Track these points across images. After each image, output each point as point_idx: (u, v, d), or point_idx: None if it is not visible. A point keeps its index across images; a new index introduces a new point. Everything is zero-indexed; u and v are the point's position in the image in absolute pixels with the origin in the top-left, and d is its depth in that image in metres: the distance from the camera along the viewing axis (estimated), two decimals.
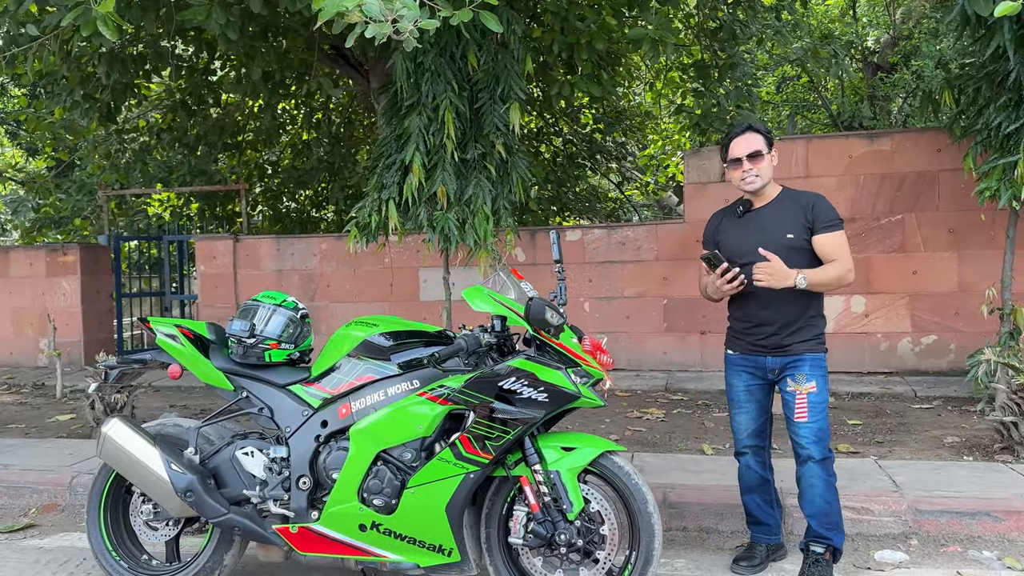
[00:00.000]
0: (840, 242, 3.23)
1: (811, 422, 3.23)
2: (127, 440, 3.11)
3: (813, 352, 3.27)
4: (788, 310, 3.25)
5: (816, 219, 3.22)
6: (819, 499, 3.22)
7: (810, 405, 3.22)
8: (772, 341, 3.28)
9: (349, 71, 9.03)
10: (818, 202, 3.26)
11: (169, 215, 11.55)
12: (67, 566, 3.68)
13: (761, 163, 3.26)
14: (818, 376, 3.26)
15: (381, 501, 2.97)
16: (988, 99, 5.78)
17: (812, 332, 3.27)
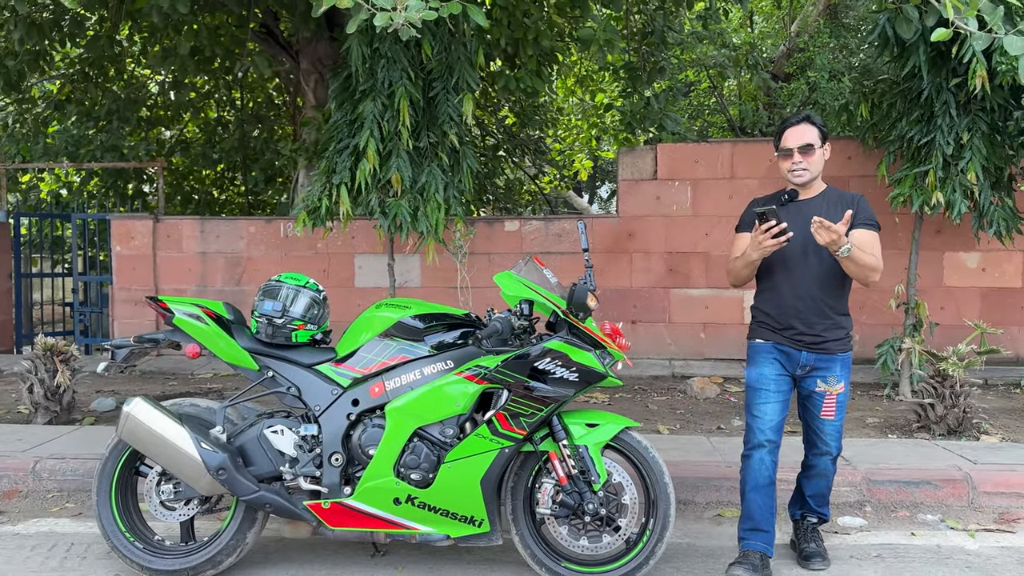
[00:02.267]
0: (875, 241, 3.23)
1: (837, 420, 3.32)
2: (153, 420, 3.07)
3: (844, 352, 3.30)
4: (823, 301, 3.24)
5: (858, 214, 3.20)
6: (825, 487, 3.44)
7: (838, 405, 3.29)
8: (810, 336, 3.25)
9: (278, 51, 8.86)
10: (862, 200, 3.29)
11: (66, 192, 10.89)
12: (56, 551, 3.57)
13: (812, 156, 3.23)
14: (846, 376, 3.32)
15: (419, 475, 3.08)
16: (901, 113, 6.38)
17: (844, 330, 3.30)
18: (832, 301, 3.27)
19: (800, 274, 3.24)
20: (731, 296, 7.63)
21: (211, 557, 3.17)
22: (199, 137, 11.49)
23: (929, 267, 7.25)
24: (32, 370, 5.30)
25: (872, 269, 3.16)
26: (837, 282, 3.25)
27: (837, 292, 3.29)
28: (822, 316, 3.25)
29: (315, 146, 8.55)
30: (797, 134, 3.24)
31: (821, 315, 3.25)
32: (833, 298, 3.27)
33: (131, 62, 10.54)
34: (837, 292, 3.29)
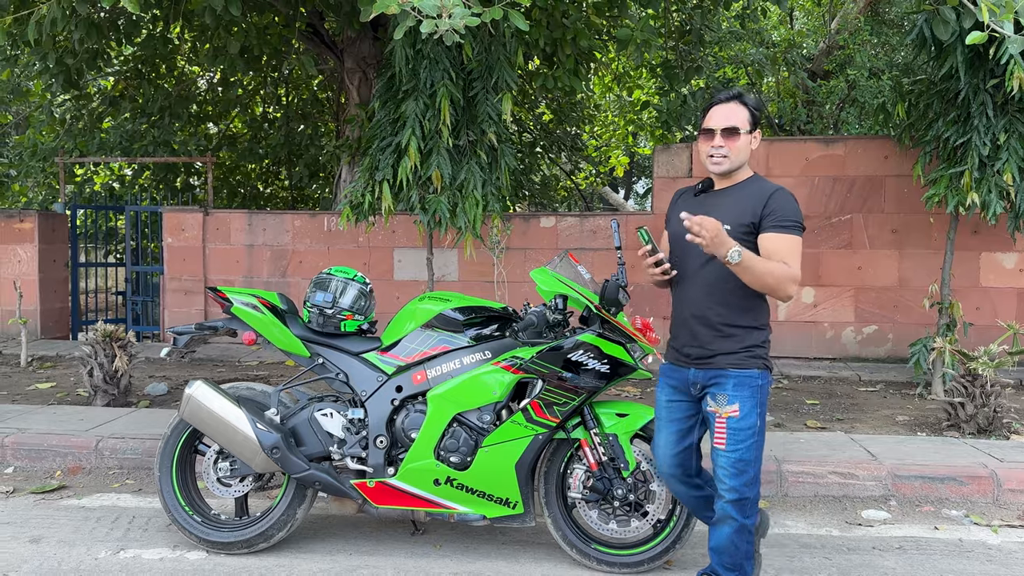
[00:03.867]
0: (791, 247, 2.66)
1: (729, 451, 2.73)
2: (212, 401, 3.30)
3: (739, 368, 2.73)
4: (718, 312, 2.76)
5: (769, 213, 2.68)
6: (725, 538, 2.82)
7: (729, 432, 2.72)
8: (696, 350, 2.80)
9: (324, 50, 9.11)
10: (778, 195, 2.72)
11: (119, 185, 11.30)
12: (119, 523, 3.82)
13: (736, 142, 2.74)
14: (744, 398, 2.72)
15: (458, 458, 3.27)
16: (938, 113, 6.41)
17: (742, 343, 2.74)
18: (729, 312, 2.76)
19: (697, 281, 2.81)
20: None
21: (264, 531, 3.39)
22: (245, 133, 11.82)
23: (965, 267, 7.26)
24: (92, 355, 5.60)
25: (776, 281, 2.60)
26: (739, 291, 2.72)
27: (739, 302, 2.75)
28: (712, 328, 2.77)
29: (358, 143, 8.80)
30: (723, 113, 2.76)
31: (712, 327, 2.77)
32: (731, 308, 2.76)
33: (182, 60, 10.89)
34: (739, 302, 2.75)
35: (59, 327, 9.18)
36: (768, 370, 2.81)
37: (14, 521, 3.84)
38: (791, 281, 2.63)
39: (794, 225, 2.68)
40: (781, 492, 4.24)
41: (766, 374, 2.79)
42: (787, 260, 2.64)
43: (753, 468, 2.75)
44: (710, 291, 2.78)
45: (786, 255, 2.64)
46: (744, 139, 2.76)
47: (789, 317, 7.71)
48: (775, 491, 4.24)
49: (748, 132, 2.77)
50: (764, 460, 4.23)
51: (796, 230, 2.68)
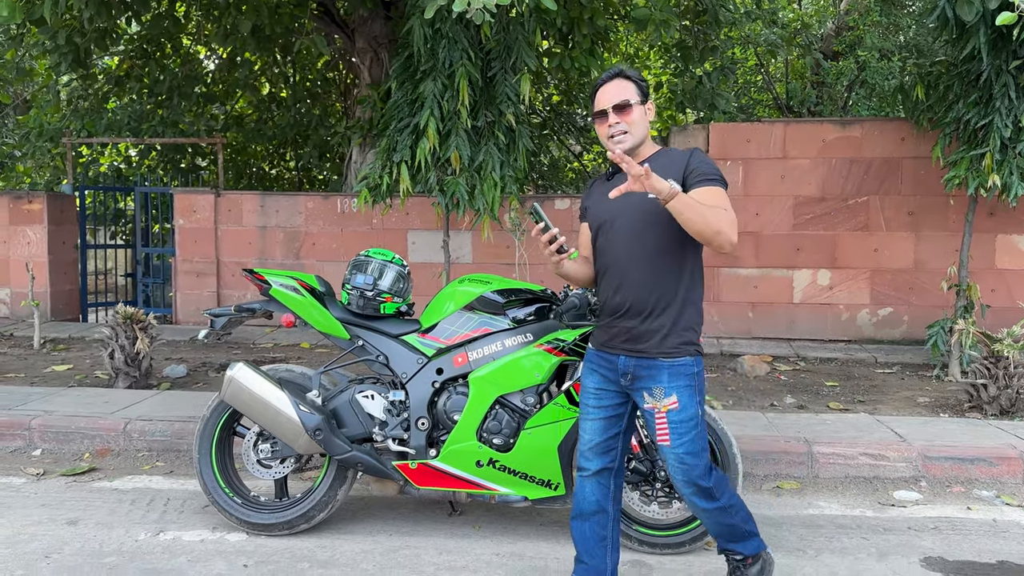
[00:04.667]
0: (721, 195, 2.54)
1: (675, 446, 2.62)
2: (254, 383, 3.29)
3: (672, 357, 2.59)
4: (649, 291, 2.61)
5: (692, 172, 2.58)
6: (712, 525, 2.80)
7: (671, 425, 2.60)
8: (626, 335, 2.65)
9: (334, 29, 9.03)
10: (696, 154, 2.66)
11: (125, 166, 11.22)
12: (155, 505, 3.82)
13: (630, 115, 2.64)
14: (681, 387, 2.60)
15: (500, 440, 3.27)
16: (958, 95, 6.39)
17: (673, 327, 2.60)
18: (659, 292, 2.62)
19: (622, 261, 2.67)
20: (780, 275, 7.72)
21: (305, 512, 3.39)
22: (251, 113, 11.73)
23: (981, 249, 7.26)
24: (113, 337, 5.58)
25: (719, 220, 2.45)
26: (668, 268, 2.62)
27: (668, 280, 2.62)
28: (642, 311, 2.62)
29: (369, 124, 8.74)
30: (611, 91, 2.68)
31: (641, 311, 2.63)
32: (660, 288, 2.62)
33: (187, 40, 10.78)
34: (668, 280, 2.62)
35: (69, 309, 9.14)
36: (701, 355, 2.68)
37: (49, 503, 3.83)
38: (731, 225, 2.48)
39: (719, 178, 2.59)
40: (812, 473, 4.25)
41: (699, 360, 2.67)
42: (724, 207, 2.52)
43: (702, 459, 2.66)
44: (639, 268, 2.64)
45: (722, 204, 2.52)
46: (638, 110, 2.67)
47: (805, 299, 7.72)
48: (806, 472, 4.26)
49: (640, 103, 2.68)
50: (794, 441, 4.31)
51: (721, 183, 2.59)
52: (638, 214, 2.62)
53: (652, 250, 2.62)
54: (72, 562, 3.20)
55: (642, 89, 2.70)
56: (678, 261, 2.63)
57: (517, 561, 3.27)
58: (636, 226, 2.63)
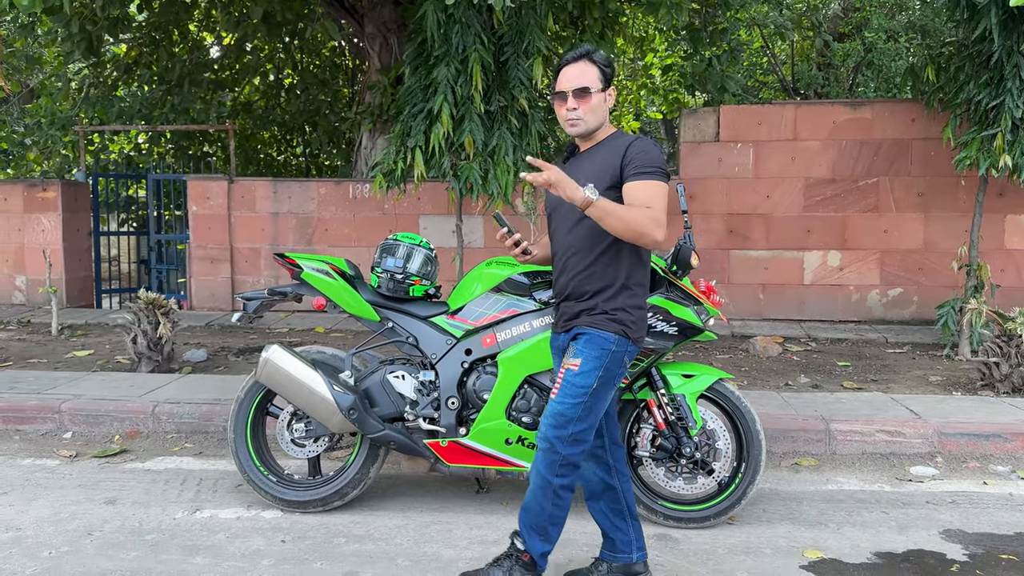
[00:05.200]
0: (653, 192, 2.55)
1: (556, 400, 2.66)
2: (289, 364, 3.36)
3: (595, 328, 2.66)
4: (585, 278, 2.70)
5: (628, 164, 2.59)
6: (530, 494, 2.72)
7: (564, 383, 2.66)
8: (567, 313, 2.77)
9: (343, 15, 9.05)
10: (635, 144, 2.63)
11: (136, 154, 11.26)
12: (188, 484, 3.91)
13: (588, 102, 2.66)
14: (589, 355, 2.64)
15: (529, 419, 3.35)
16: (969, 76, 6.42)
17: (604, 305, 2.67)
18: (596, 275, 2.69)
19: (564, 247, 2.76)
20: (791, 257, 7.78)
21: (338, 490, 3.48)
22: (259, 100, 11.76)
23: (991, 229, 7.31)
24: (135, 322, 5.65)
25: (638, 224, 2.49)
26: (605, 256, 2.68)
27: (605, 267, 2.69)
28: (581, 296, 2.72)
29: (380, 109, 8.78)
30: (573, 74, 2.68)
31: (580, 295, 2.72)
32: (599, 274, 2.69)
33: (195, 26, 10.80)
34: (605, 267, 2.69)
35: (83, 295, 9.22)
36: (628, 338, 2.68)
37: (85, 484, 3.92)
38: (654, 224, 2.51)
39: (655, 171, 2.59)
40: (830, 450, 4.34)
41: (624, 341, 2.67)
42: (650, 203, 2.54)
43: (573, 427, 2.64)
44: (579, 255, 2.71)
45: (647, 200, 2.54)
46: (597, 98, 2.68)
47: (815, 280, 7.78)
48: (824, 449, 4.34)
49: (600, 90, 2.69)
50: (811, 419, 4.38)
51: (657, 175, 2.59)
52: (571, 208, 2.64)
53: (590, 239, 2.68)
54: (114, 539, 3.29)
55: (606, 75, 2.71)
56: (616, 249, 2.67)
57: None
58: (577, 214, 2.65)
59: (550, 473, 2.66)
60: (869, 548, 3.25)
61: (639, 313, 2.73)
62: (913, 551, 3.22)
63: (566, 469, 2.67)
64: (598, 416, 2.72)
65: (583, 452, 2.71)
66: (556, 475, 2.66)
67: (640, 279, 2.75)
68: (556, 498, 2.69)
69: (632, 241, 2.56)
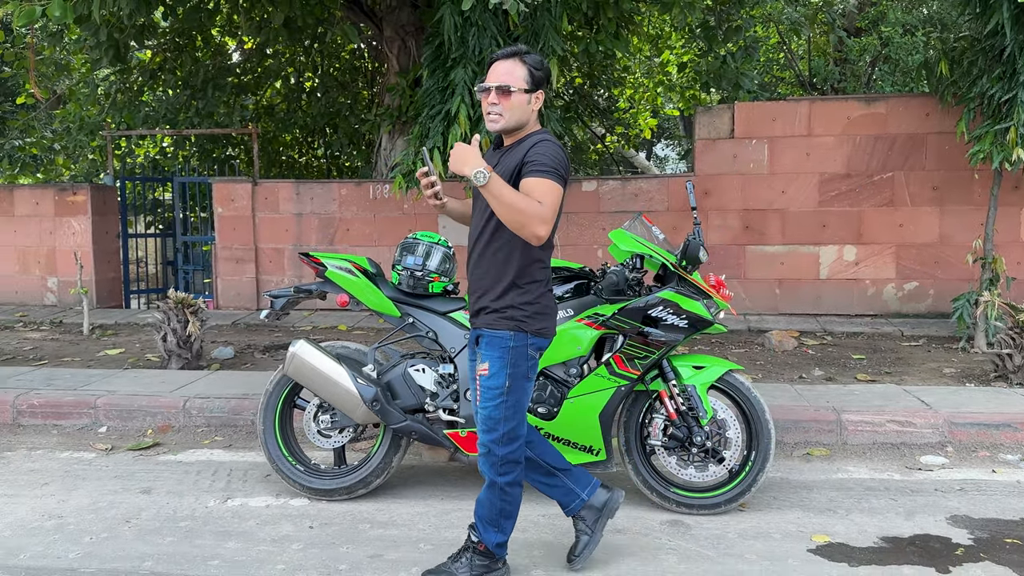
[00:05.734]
0: (545, 188, 2.60)
1: (480, 407, 2.81)
2: (315, 358, 3.52)
3: (491, 328, 2.77)
4: (481, 273, 2.82)
5: (527, 162, 2.66)
6: (482, 491, 2.89)
7: (481, 389, 2.80)
8: (471, 307, 2.90)
9: (362, 19, 9.21)
10: (535, 146, 2.68)
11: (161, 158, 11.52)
12: (219, 475, 4.08)
13: (509, 100, 2.69)
14: (494, 357, 2.76)
15: (545, 409, 3.48)
16: (982, 70, 6.46)
17: (499, 303, 2.76)
18: (492, 271, 2.80)
19: (470, 243, 2.90)
20: (807, 252, 7.85)
21: (363, 478, 3.63)
22: (280, 103, 11.97)
23: (1006, 223, 7.34)
24: (165, 321, 5.85)
25: (523, 214, 2.54)
26: (500, 253, 2.78)
27: (499, 264, 2.78)
28: (478, 290, 2.85)
29: (399, 111, 8.93)
30: (501, 70, 2.72)
31: (477, 289, 2.85)
32: (494, 271, 2.79)
33: (217, 31, 11.02)
34: (499, 264, 2.78)
35: (112, 296, 9.47)
36: (524, 332, 2.76)
37: (121, 475, 4.10)
38: (539, 219, 2.56)
39: (550, 170, 2.63)
40: (841, 440, 4.43)
41: (522, 336, 2.76)
42: (540, 199, 2.59)
43: (503, 427, 2.76)
44: (481, 251, 2.82)
45: (540, 196, 2.59)
46: (519, 98, 2.70)
47: (831, 275, 7.84)
48: (835, 439, 4.44)
49: (525, 91, 2.71)
50: (823, 410, 4.48)
51: (551, 174, 2.62)
52: (484, 202, 2.74)
53: (488, 236, 2.79)
54: (151, 526, 3.46)
55: (535, 77, 2.72)
56: (510, 248, 2.75)
57: (562, 521, 3.47)
58: (482, 212, 2.80)
59: (494, 474, 2.81)
60: (876, 533, 3.34)
61: (533, 308, 2.79)
62: (919, 536, 3.32)
63: (508, 467, 2.81)
64: (523, 409, 2.83)
65: (520, 447, 2.83)
66: (499, 474, 2.81)
67: (534, 277, 2.80)
68: (504, 495, 2.84)
69: (514, 230, 2.61)
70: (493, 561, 2.92)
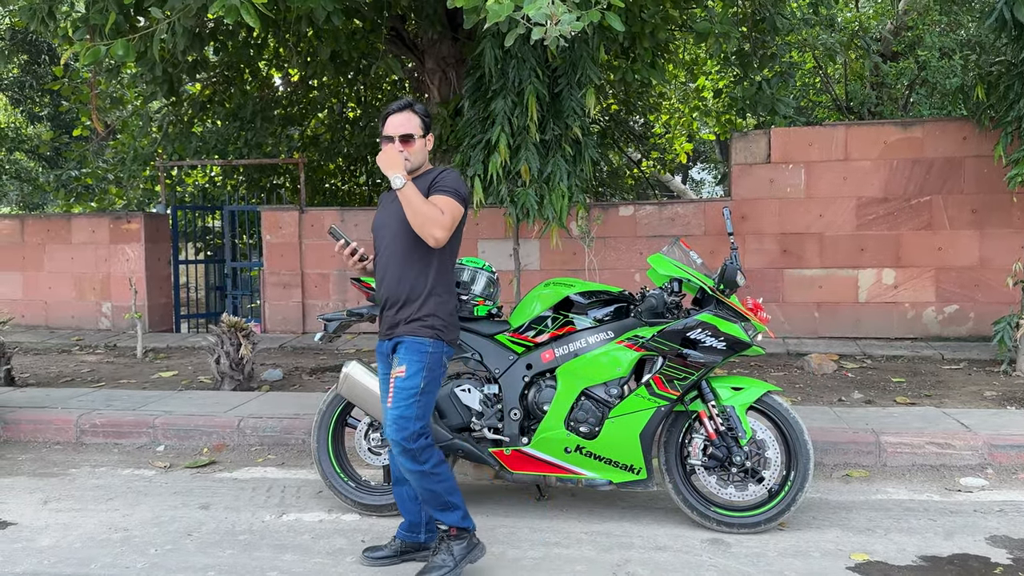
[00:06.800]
0: (447, 204, 3.06)
1: (392, 408, 3.08)
2: (367, 378, 3.68)
3: (413, 335, 3.10)
4: (398, 287, 3.15)
5: (434, 184, 3.12)
6: (418, 489, 3.14)
7: (395, 390, 3.08)
8: (386, 321, 3.21)
9: (404, 52, 9.50)
10: (443, 174, 3.16)
11: (210, 186, 11.91)
12: (273, 492, 4.25)
13: (412, 146, 3.16)
14: (412, 360, 3.08)
15: (587, 428, 3.60)
16: (1019, 94, 6.51)
17: (417, 312, 3.11)
18: (409, 283, 3.15)
19: (388, 260, 3.21)
20: (845, 275, 7.88)
21: None
22: (324, 133, 12.32)
23: None
24: (219, 344, 6.08)
25: (426, 218, 3.00)
26: (415, 267, 3.14)
27: (415, 277, 3.14)
28: (398, 301, 3.16)
29: (440, 140, 9.17)
30: (399, 122, 3.17)
31: (397, 300, 3.16)
32: (410, 283, 3.14)
33: (264, 64, 11.41)
34: (415, 277, 3.14)
35: (164, 321, 9.79)
36: (441, 340, 3.14)
37: (180, 491, 4.29)
38: (439, 225, 3.02)
39: (453, 191, 3.11)
40: (880, 462, 4.47)
41: (439, 344, 3.13)
42: (443, 211, 3.05)
43: (414, 425, 3.06)
44: (395, 265, 3.17)
45: (444, 207, 3.06)
46: (419, 143, 3.19)
47: (870, 298, 7.86)
48: (875, 461, 4.48)
49: (422, 137, 3.21)
50: (862, 432, 4.53)
51: (454, 195, 3.10)
52: (396, 222, 3.16)
53: (403, 252, 3.16)
54: (211, 539, 3.64)
55: (426, 124, 3.23)
56: (425, 262, 3.15)
57: (604, 539, 3.59)
58: (394, 231, 3.18)
59: (416, 465, 3.09)
60: (915, 552, 3.40)
61: (450, 318, 3.20)
62: (958, 555, 3.36)
63: (426, 453, 3.10)
64: (431, 410, 3.17)
65: (429, 440, 3.14)
66: (421, 462, 3.09)
67: (447, 286, 3.22)
68: (436, 476, 3.12)
69: (417, 229, 3.04)
70: (469, 537, 3.19)
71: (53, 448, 5.13)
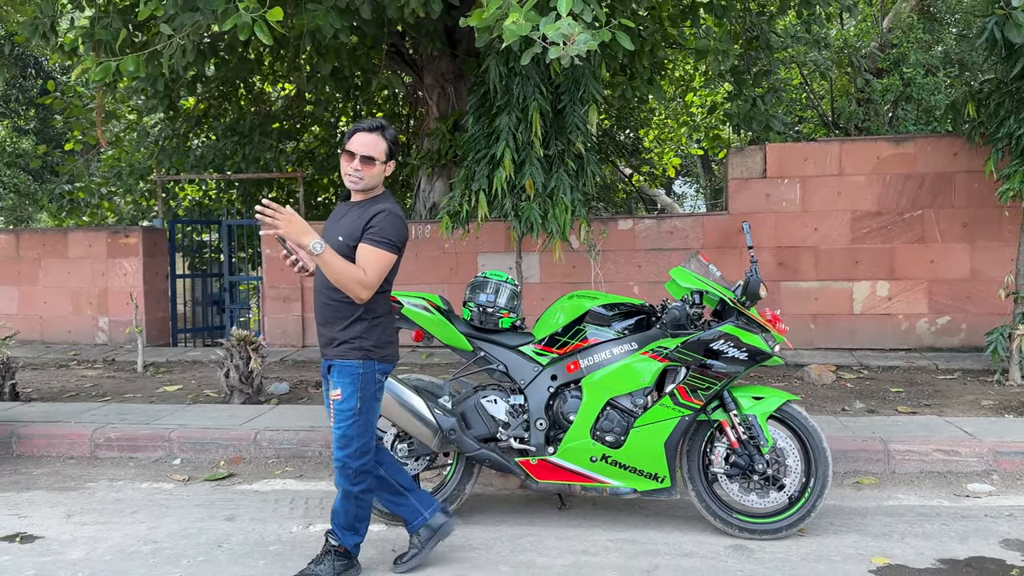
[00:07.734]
0: (374, 259, 3.07)
1: (335, 427, 3.20)
2: (395, 390, 3.74)
3: (342, 359, 3.18)
4: (334, 303, 3.19)
5: (368, 228, 3.10)
6: (337, 502, 3.29)
7: (335, 412, 3.19)
8: (321, 339, 3.28)
9: (404, 68, 9.61)
10: (380, 215, 3.11)
11: (206, 201, 11.92)
12: (296, 503, 4.29)
13: (372, 169, 3.15)
14: (345, 384, 3.17)
15: (612, 438, 3.69)
16: (1009, 111, 6.69)
17: (345, 335, 3.16)
18: (335, 306, 3.19)
19: (318, 280, 3.27)
20: (840, 288, 8.03)
21: None
22: (319, 147, 12.38)
23: None
24: (228, 357, 6.11)
25: (348, 282, 3.04)
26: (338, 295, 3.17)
27: (342, 297, 3.16)
28: (326, 322, 3.23)
29: (438, 155, 9.27)
30: (366, 142, 3.16)
31: (325, 321, 3.23)
32: (337, 304, 3.18)
33: (259, 79, 11.47)
34: (342, 297, 3.16)
35: (162, 335, 9.77)
36: (371, 360, 3.19)
37: (202, 504, 4.32)
38: (360, 286, 3.06)
39: (385, 242, 3.10)
40: (889, 469, 4.59)
41: (370, 363, 3.19)
42: (366, 268, 3.07)
43: (356, 443, 3.18)
44: (323, 288, 3.22)
45: (366, 264, 3.08)
46: (379, 167, 3.19)
47: (864, 310, 8.02)
48: (883, 468, 4.59)
49: (383, 162, 3.20)
50: (870, 440, 4.65)
51: (385, 246, 3.10)
52: (332, 244, 3.12)
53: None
54: (242, 550, 3.67)
55: (392, 151, 3.22)
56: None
57: (630, 546, 3.67)
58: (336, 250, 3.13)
59: (349, 484, 3.23)
60: (933, 555, 3.50)
61: (380, 339, 3.23)
62: (975, 558, 3.47)
63: (361, 477, 3.24)
64: (373, 427, 3.26)
65: (371, 460, 3.26)
66: (353, 484, 3.23)
67: (378, 312, 3.24)
68: (359, 502, 3.27)
69: (341, 289, 3.09)
70: (351, 560, 3.35)
71: (67, 462, 5.13)
